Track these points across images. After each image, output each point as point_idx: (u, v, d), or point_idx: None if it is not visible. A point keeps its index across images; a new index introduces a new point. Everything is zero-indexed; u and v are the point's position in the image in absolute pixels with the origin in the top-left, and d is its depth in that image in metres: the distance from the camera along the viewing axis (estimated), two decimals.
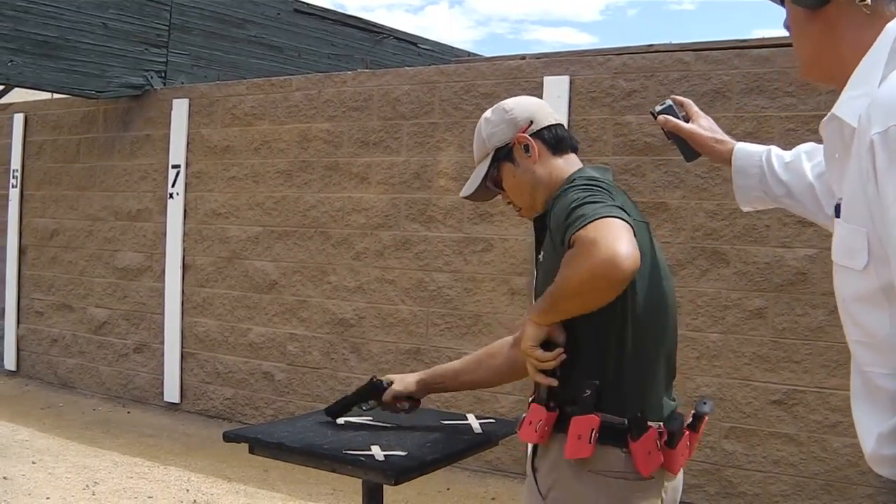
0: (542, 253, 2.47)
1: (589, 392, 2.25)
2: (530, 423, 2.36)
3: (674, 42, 7.11)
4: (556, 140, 2.54)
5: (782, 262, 5.82)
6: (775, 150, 2.32)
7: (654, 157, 6.18)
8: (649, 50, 6.80)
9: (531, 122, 2.54)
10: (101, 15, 8.76)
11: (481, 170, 2.62)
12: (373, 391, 3.19)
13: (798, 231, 5.76)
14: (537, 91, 6.65)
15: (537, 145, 2.52)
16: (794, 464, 5.76)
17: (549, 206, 2.37)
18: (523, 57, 7.25)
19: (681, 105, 2.50)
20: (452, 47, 14.12)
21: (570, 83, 6.60)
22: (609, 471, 2.26)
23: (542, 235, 2.47)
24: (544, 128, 2.54)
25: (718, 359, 5.99)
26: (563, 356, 2.27)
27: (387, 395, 3.14)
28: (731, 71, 6.04)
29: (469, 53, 13.61)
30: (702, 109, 5.86)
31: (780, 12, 1.87)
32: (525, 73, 6.82)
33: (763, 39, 6.72)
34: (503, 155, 2.56)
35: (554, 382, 2.29)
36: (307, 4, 11.41)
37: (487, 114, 2.63)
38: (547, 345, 2.29)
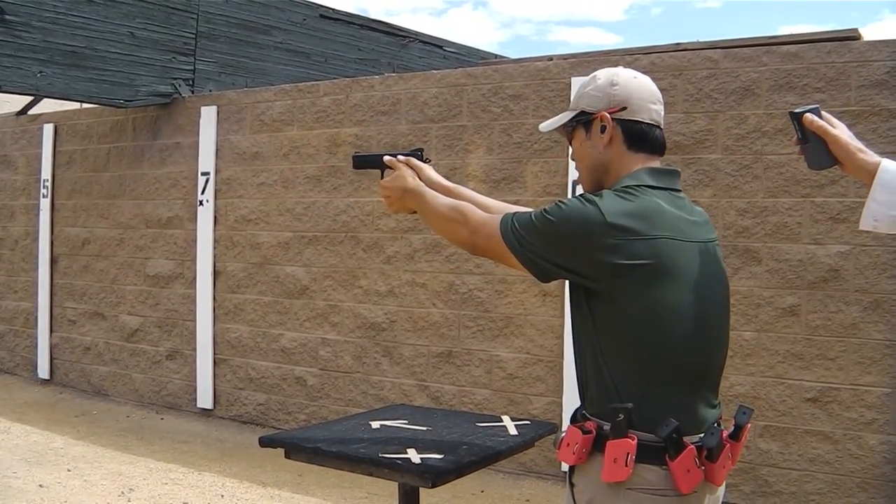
0: None
1: (622, 416, 2.23)
2: (568, 444, 2.36)
3: (701, 40, 7.08)
4: (635, 135, 2.45)
5: (814, 259, 5.79)
6: None
7: (684, 155, 6.15)
8: (677, 48, 6.77)
9: (624, 108, 2.45)
10: (129, 24, 8.82)
11: (563, 118, 2.58)
12: (413, 153, 3.07)
13: (830, 228, 5.72)
14: (565, 92, 6.65)
15: (615, 132, 2.45)
16: (830, 462, 5.72)
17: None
18: (550, 58, 7.24)
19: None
20: (478, 49, 14.12)
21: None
22: (648, 488, 2.24)
23: None
24: (633, 120, 2.45)
25: (752, 357, 5.96)
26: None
27: (415, 162, 3.04)
28: (760, 68, 6.01)
29: (495, 55, 13.60)
30: (731, 107, 5.83)
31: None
32: (553, 74, 6.82)
33: (791, 36, 6.69)
34: (584, 120, 2.51)
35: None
36: (333, 10, 11.44)
37: (601, 73, 2.55)
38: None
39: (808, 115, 2.33)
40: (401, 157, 3.00)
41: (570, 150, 2.64)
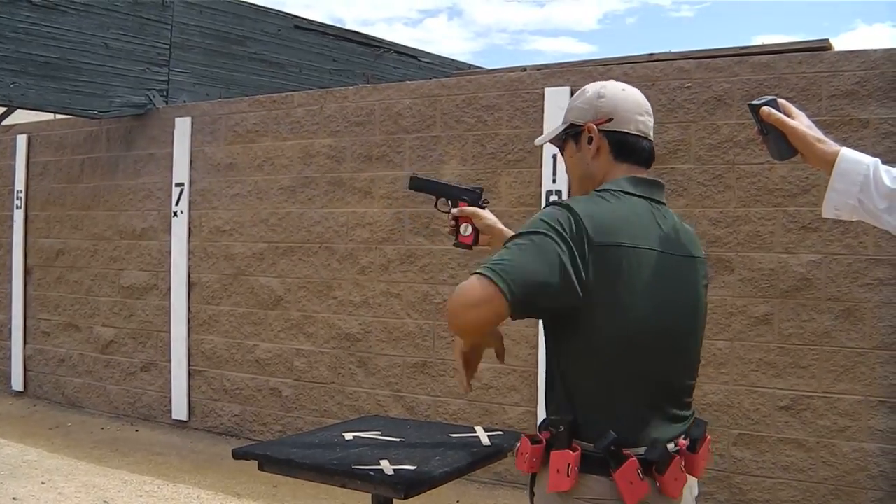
0: None
1: (563, 428, 2.26)
2: (521, 454, 2.40)
3: (674, 50, 7.12)
4: (621, 146, 2.48)
5: (787, 268, 5.82)
6: (882, 164, 2.29)
7: (657, 166, 6.13)
8: (650, 59, 6.82)
9: (610, 119, 2.48)
10: (103, 35, 8.80)
11: (555, 131, 2.61)
12: (470, 193, 3.05)
13: (802, 237, 5.76)
14: (538, 102, 6.67)
15: (602, 143, 2.48)
16: (804, 469, 5.76)
17: None
18: (524, 69, 7.27)
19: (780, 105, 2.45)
20: (453, 60, 14.15)
21: (571, 94, 6.59)
22: (595, 498, 2.26)
23: None
24: (620, 131, 2.48)
25: (725, 366, 5.99)
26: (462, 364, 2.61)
27: (469, 209, 3.02)
28: (732, 78, 6.05)
29: (470, 66, 13.63)
30: (703, 117, 5.86)
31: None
32: (526, 84, 6.84)
33: (763, 46, 6.74)
34: (572, 132, 2.55)
35: (467, 389, 2.60)
36: (307, 20, 11.45)
37: (590, 86, 2.58)
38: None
39: (766, 108, 2.36)
40: (453, 210, 3.03)
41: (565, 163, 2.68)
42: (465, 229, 2.96)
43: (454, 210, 3.01)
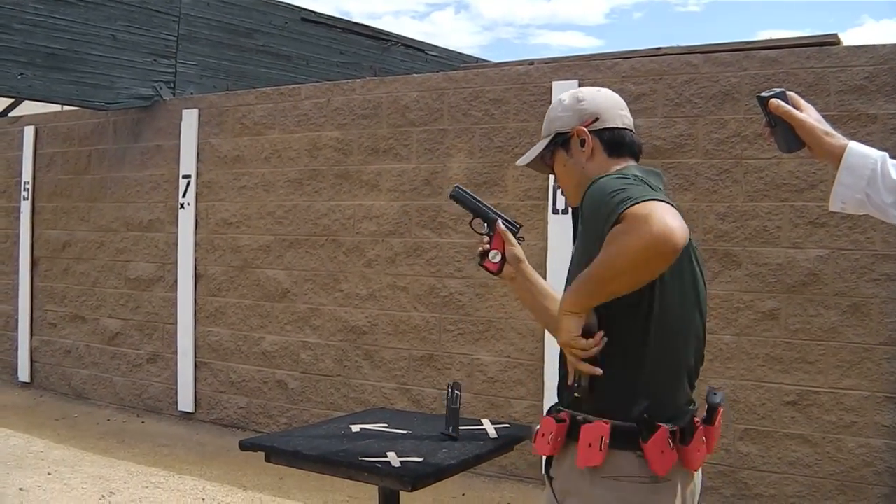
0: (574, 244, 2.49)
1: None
2: (543, 435, 2.39)
3: (681, 45, 7.11)
4: (613, 142, 2.51)
5: (794, 263, 5.81)
6: (890, 159, 2.28)
7: (664, 160, 6.17)
8: (657, 53, 6.80)
9: (596, 119, 2.51)
10: (110, 27, 8.80)
11: (539, 147, 2.62)
12: (510, 223, 2.96)
13: (809, 232, 5.75)
14: (546, 96, 6.66)
15: (594, 143, 2.51)
16: (810, 465, 5.75)
17: (583, 196, 2.36)
18: (532, 62, 7.26)
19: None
20: (460, 53, 14.14)
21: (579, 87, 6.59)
22: (623, 475, 2.27)
23: (577, 227, 2.49)
24: (608, 128, 2.51)
25: (732, 361, 5.98)
26: (604, 339, 2.27)
27: (508, 234, 2.93)
28: (740, 73, 6.04)
29: (477, 59, 13.62)
30: (711, 111, 5.85)
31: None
32: (534, 78, 6.83)
33: (771, 41, 6.73)
34: (560, 141, 2.56)
35: (598, 371, 2.27)
36: (314, 13, 11.44)
37: (563, 95, 2.61)
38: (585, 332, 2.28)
39: (774, 101, 2.36)
40: (500, 227, 2.94)
41: (553, 177, 2.67)
42: (495, 256, 2.90)
43: (500, 223, 2.93)
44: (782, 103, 2.36)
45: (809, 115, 2.35)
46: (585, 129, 2.50)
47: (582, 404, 2.33)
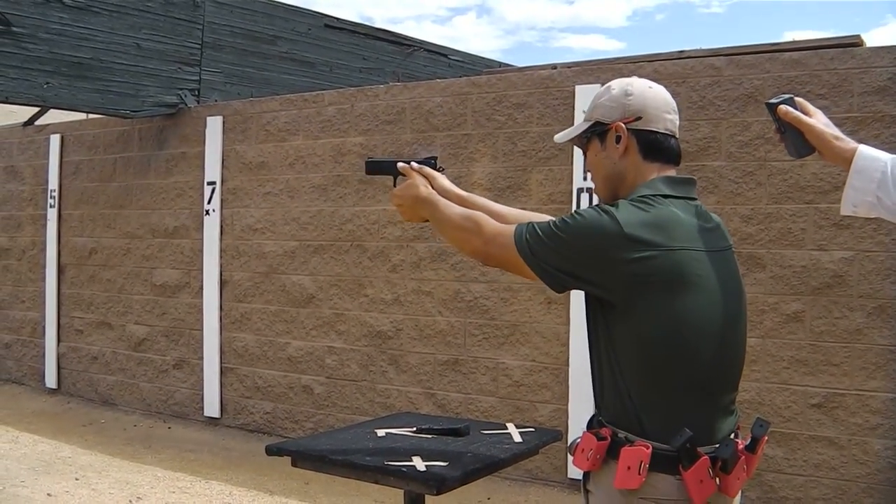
0: None
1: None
2: (582, 450, 2.37)
3: (704, 47, 7.10)
4: (651, 145, 2.46)
5: (818, 265, 5.80)
6: None
7: (688, 163, 6.17)
8: (680, 56, 6.79)
9: (639, 118, 2.45)
10: (134, 35, 8.86)
11: (579, 128, 2.57)
12: (426, 161, 3.00)
13: (834, 234, 5.74)
14: (569, 101, 6.67)
15: (631, 142, 2.46)
16: (835, 467, 5.73)
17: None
18: (554, 66, 7.26)
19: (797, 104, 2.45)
20: (482, 58, 14.14)
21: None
22: (660, 498, 2.24)
23: None
24: (648, 130, 2.46)
25: (757, 363, 5.97)
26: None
27: (426, 170, 2.96)
28: (763, 75, 6.03)
29: (500, 63, 13.63)
30: (734, 114, 5.85)
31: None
32: (557, 82, 6.84)
33: (794, 42, 6.71)
34: (598, 131, 2.51)
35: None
36: (337, 19, 11.47)
37: (615, 83, 2.55)
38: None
39: (783, 107, 2.37)
40: (414, 165, 2.96)
41: (585, 160, 2.65)
42: None
43: (414, 164, 2.95)
44: (791, 109, 2.37)
45: (818, 119, 2.36)
46: (624, 127, 2.45)
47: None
